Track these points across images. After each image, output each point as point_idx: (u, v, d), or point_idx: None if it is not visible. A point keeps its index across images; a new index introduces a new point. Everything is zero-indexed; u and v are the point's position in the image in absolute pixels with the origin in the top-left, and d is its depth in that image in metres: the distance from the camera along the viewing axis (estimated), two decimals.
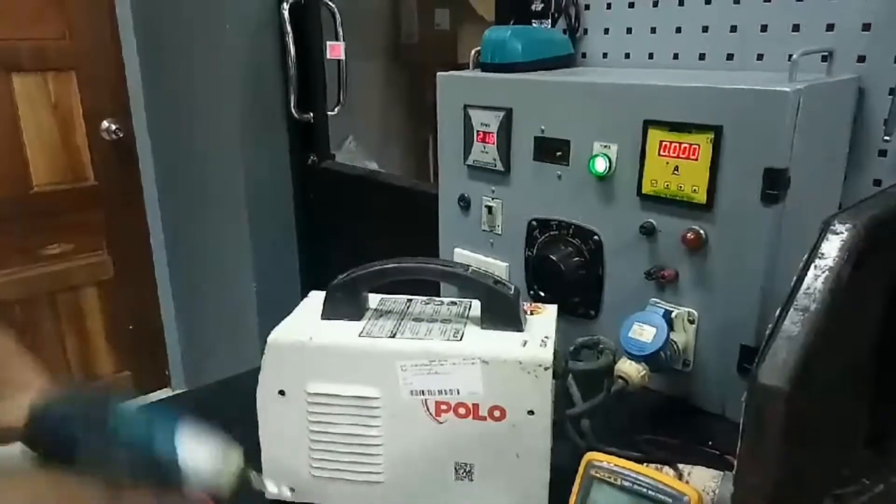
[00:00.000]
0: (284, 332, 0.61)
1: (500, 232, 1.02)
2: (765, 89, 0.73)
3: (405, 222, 0.95)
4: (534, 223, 0.97)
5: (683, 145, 0.78)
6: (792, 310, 0.45)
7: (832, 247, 0.46)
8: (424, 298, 0.68)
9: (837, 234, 0.46)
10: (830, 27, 0.86)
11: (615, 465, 0.52)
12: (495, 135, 0.97)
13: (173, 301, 2.21)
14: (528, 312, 0.64)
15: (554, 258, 0.91)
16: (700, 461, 0.66)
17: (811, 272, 0.46)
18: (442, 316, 0.64)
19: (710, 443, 0.76)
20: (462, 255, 1.08)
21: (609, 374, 0.72)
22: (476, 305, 0.63)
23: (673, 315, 0.82)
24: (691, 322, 0.83)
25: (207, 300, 2.09)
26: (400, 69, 2.27)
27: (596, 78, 0.96)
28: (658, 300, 0.85)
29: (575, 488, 0.54)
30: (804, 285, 0.45)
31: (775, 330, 0.45)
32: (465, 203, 1.06)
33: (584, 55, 1.12)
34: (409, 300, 0.67)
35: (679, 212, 0.81)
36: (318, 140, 1.76)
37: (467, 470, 0.59)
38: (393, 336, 0.59)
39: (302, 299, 0.71)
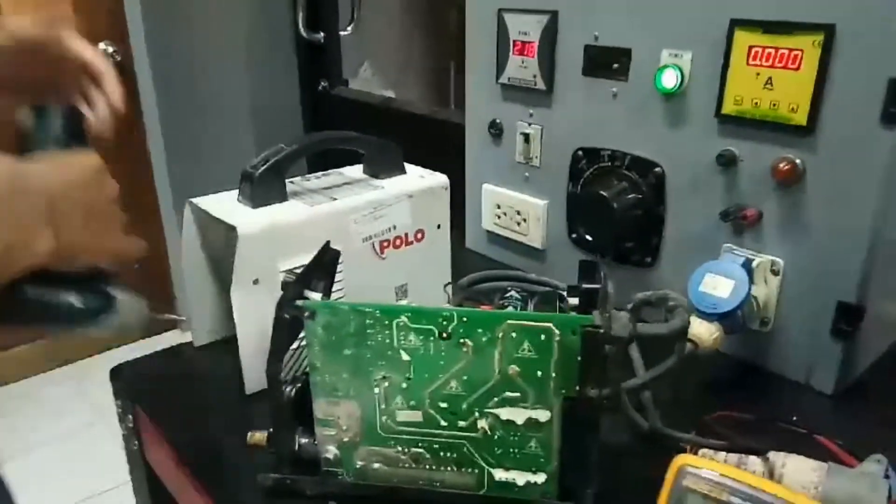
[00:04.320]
0: (247, 225, 0.63)
1: (537, 164, 0.87)
2: None
3: (426, 155, 0.84)
4: (580, 153, 0.81)
5: (781, 51, 0.62)
6: None
7: None
8: (314, 174, 0.76)
9: None
10: None
11: (718, 472, 0.38)
12: (536, 45, 0.81)
13: (179, 239, 2.10)
14: None
15: (605, 194, 0.76)
16: (787, 443, 0.53)
17: None
18: (343, 180, 0.75)
19: (794, 418, 0.63)
20: (492, 191, 0.93)
21: (682, 339, 0.58)
22: (352, 169, 0.77)
23: (754, 264, 0.67)
24: (775, 273, 0.68)
25: None
26: None
27: None
28: (733, 246, 0.70)
29: (663, 499, 0.41)
30: None
31: None
32: (496, 130, 0.90)
33: None
34: (306, 178, 0.75)
35: (769, 137, 0.65)
36: (330, 64, 1.60)
37: (404, 290, 0.75)
38: (335, 200, 0.69)
39: None
